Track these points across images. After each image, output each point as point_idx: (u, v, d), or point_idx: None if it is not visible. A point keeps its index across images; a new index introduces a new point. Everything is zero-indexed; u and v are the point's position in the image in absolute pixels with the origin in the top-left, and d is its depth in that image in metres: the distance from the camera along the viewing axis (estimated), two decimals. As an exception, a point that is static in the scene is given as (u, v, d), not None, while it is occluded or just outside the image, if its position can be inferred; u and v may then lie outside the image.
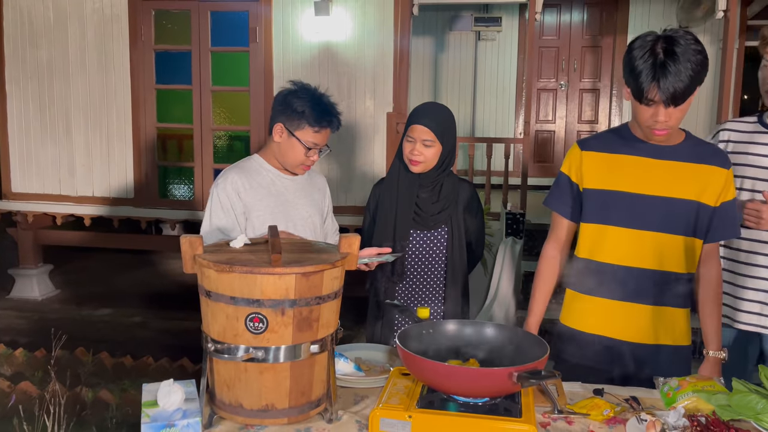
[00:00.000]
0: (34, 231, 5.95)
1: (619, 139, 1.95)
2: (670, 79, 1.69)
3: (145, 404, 1.45)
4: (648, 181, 1.88)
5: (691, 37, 1.73)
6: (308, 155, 2.15)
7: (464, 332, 1.69)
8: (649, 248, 1.89)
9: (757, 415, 1.49)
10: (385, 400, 1.49)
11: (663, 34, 1.75)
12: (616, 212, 1.90)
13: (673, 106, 1.74)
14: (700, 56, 1.71)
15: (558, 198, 2.04)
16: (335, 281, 1.52)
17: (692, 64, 1.70)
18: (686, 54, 1.70)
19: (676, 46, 1.70)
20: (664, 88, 1.70)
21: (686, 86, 1.71)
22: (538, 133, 7.91)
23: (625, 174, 1.90)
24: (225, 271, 1.41)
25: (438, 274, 2.40)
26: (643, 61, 1.72)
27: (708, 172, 1.88)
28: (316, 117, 2.09)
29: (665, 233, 1.88)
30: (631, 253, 1.90)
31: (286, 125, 2.12)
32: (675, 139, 1.90)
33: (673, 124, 1.79)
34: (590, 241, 1.95)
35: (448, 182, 2.38)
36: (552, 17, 7.74)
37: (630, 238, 1.89)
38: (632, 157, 1.91)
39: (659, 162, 1.89)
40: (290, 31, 5.31)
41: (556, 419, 1.56)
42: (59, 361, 4.03)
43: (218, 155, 5.58)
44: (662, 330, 1.93)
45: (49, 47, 5.57)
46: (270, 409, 1.48)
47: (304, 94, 2.11)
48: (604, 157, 1.94)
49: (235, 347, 1.44)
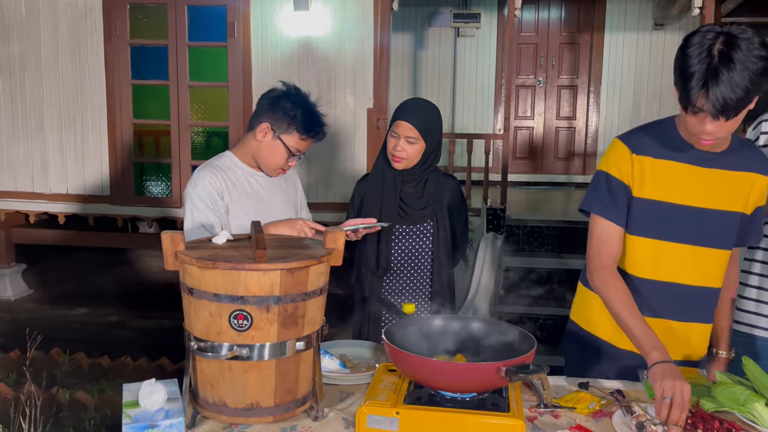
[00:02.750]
0: (7, 229, 5.81)
1: (666, 141, 1.73)
2: (722, 89, 1.46)
3: (126, 404, 1.41)
4: (693, 191, 1.71)
5: (757, 40, 1.49)
6: (289, 161, 2.11)
7: (450, 327, 1.68)
8: (685, 263, 1.74)
9: (741, 406, 1.51)
10: (372, 397, 1.47)
11: (724, 31, 1.51)
12: (658, 225, 1.73)
13: (724, 119, 1.51)
14: (762, 63, 1.48)
15: (608, 204, 1.76)
16: (321, 277, 1.49)
17: (750, 73, 1.46)
18: (746, 60, 1.46)
19: (736, 51, 1.47)
20: (713, 99, 1.48)
21: (740, 98, 1.47)
22: (516, 129, 7.95)
23: (685, 184, 1.72)
24: (208, 268, 1.38)
25: (423, 269, 2.40)
26: (698, 62, 1.49)
27: (750, 180, 1.74)
28: (306, 125, 2.07)
29: (706, 247, 1.73)
30: (662, 268, 1.75)
31: (273, 127, 2.07)
32: (723, 144, 1.71)
33: (722, 135, 1.59)
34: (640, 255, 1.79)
35: (432, 178, 2.37)
36: (530, 14, 7.78)
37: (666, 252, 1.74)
38: (692, 166, 1.71)
39: (706, 171, 1.71)
40: (269, 26, 5.26)
41: (543, 413, 1.56)
42: (34, 362, 3.95)
43: (196, 152, 5.50)
44: (689, 346, 1.82)
45: (21, 41, 5.44)
46: (255, 408, 1.45)
47: (297, 100, 2.08)
48: (663, 165, 1.72)
49: (218, 345, 1.41)
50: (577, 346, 1.92)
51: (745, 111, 1.53)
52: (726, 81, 1.46)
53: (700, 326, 1.82)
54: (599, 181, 1.78)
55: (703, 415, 1.51)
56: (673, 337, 1.78)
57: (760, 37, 1.50)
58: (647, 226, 1.74)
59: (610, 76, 7.58)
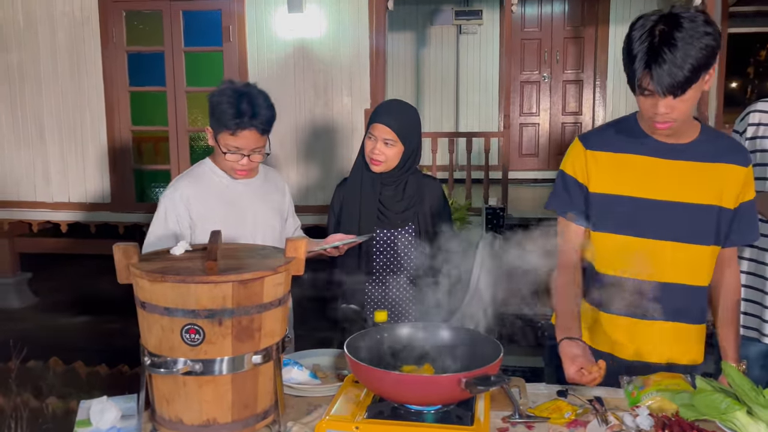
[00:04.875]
0: (11, 239, 5.85)
1: (626, 135, 1.72)
2: (665, 67, 1.47)
3: (79, 423, 1.38)
4: (656, 184, 1.67)
5: (700, 18, 1.49)
6: (228, 159, 2.01)
7: (419, 336, 1.63)
8: (658, 259, 1.68)
9: (721, 414, 1.43)
10: (333, 411, 1.42)
11: (668, 13, 1.51)
12: (619, 219, 1.70)
13: (672, 97, 1.51)
14: (706, 39, 1.47)
15: (565, 201, 1.78)
16: (278, 288, 1.44)
17: (695, 49, 1.46)
18: (688, 37, 1.46)
19: (678, 29, 1.47)
20: (657, 77, 1.49)
21: (684, 75, 1.47)
22: (522, 126, 7.86)
23: (632, 176, 1.69)
24: (158, 281, 1.34)
25: (407, 273, 2.34)
26: (639, 43, 1.51)
27: (726, 171, 1.67)
28: (230, 118, 1.93)
29: (679, 242, 1.68)
30: (635, 265, 1.69)
31: (212, 128, 2.02)
32: (689, 135, 1.67)
33: (676, 116, 1.56)
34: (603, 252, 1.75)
35: (412, 180, 2.31)
36: (533, 9, 7.68)
37: (635, 248, 1.69)
38: (642, 156, 1.69)
39: (669, 162, 1.67)
40: (264, 29, 5.23)
41: (516, 424, 1.50)
42: (32, 371, 3.96)
43: (195, 157, 5.50)
44: (676, 348, 1.76)
45: (20, 52, 5.47)
46: (212, 424, 1.41)
47: (225, 93, 1.95)
48: (612, 158, 1.71)
49: (172, 360, 1.37)
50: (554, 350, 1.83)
51: (696, 91, 1.52)
52: (668, 59, 1.47)
53: (689, 327, 1.75)
54: (557, 180, 1.81)
55: (682, 424, 1.44)
56: (660, 338, 1.73)
57: (704, 15, 1.51)
58: (611, 222, 1.71)
59: (616, 70, 7.45)
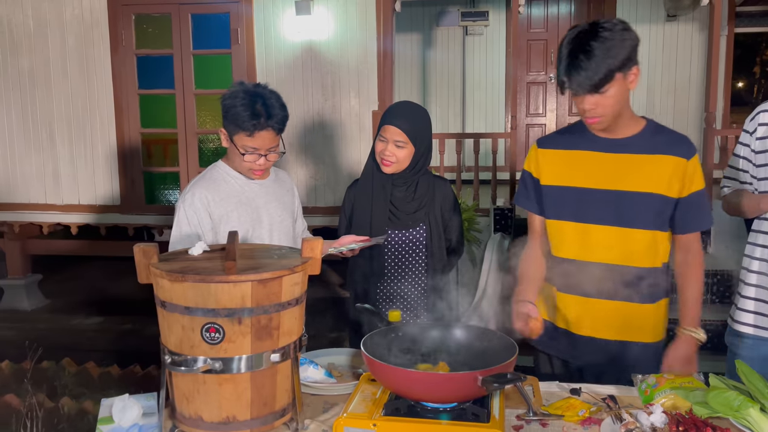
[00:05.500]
0: (22, 241, 5.90)
1: (574, 135, 1.94)
2: (580, 65, 1.69)
3: (101, 420, 1.40)
4: (599, 175, 1.87)
5: (618, 26, 1.71)
6: (247, 160, 2.03)
7: (434, 335, 1.64)
8: (603, 243, 1.86)
9: (735, 411, 1.45)
10: (351, 409, 1.44)
11: (590, 23, 1.74)
12: (569, 208, 1.91)
13: (593, 93, 1.73)
14: (615, 40, 1.69)
15: (524, 195, 2.06)
16: (296, 287, 1.47)
17: (602, 50, 1.68)
18: (599, 40, 1.69)
19: (595, 37, 1.70)
20: (573, 76, 1.71)
21: (599, 76, 1.69)
22: (528, 126, 7.86)
23: (578, 169, 1.90)
24: (178, 281, 1.36)
25: (418, 272, 2.36)
26: (564, 49, 1.74)
27: (665, 162, 1.83)
28: (246, 120, 1.95)
29: (621, 227, 1.85)
30: (585, 249, 1.88)
31: (227, 130, 2.04)
32: (630, 131, 1.87)
33: (602, 112, 1.77)
34: (551, 238, 1.98)
35: (423, 180, 2.33)
36: (539, 10, 7.69)
37: (583, 233, 1.89)
38: (586, 152, 1.90)
39: (611, 156, 1.86)
40: (272, 31, 5.26)
41: (530, 422, 1.52)
42: (45, 372, 3.99)
43: (204, 159, 5.53)
44: (627, 326, 1.90)
45: (30, 56, 5.51)
46: (231, 422, 1.43)
47: (239, 95, 1.97)
48: (559, 154, 1.95)
49: (192, 359, 1.39)
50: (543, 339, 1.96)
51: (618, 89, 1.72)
52: (583, 59, 1.69)
53: (638, 306, 1.89)
54: (520, 179, 2.09)
55: (696, 421, 1.45)
56: (610, 317, 1.89)
57: (622, 24, 1.73)
58: (561, 211, 1.93)
59: (622, 70, 7.44)
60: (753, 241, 2.03)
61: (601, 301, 1.89)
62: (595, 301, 1.90)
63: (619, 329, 1.91)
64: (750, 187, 2.05)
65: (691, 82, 7.38)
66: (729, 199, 2.11)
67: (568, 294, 1.94)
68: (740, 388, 1.51)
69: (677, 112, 7.44)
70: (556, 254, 1.96)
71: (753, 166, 2.01)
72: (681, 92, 7.40)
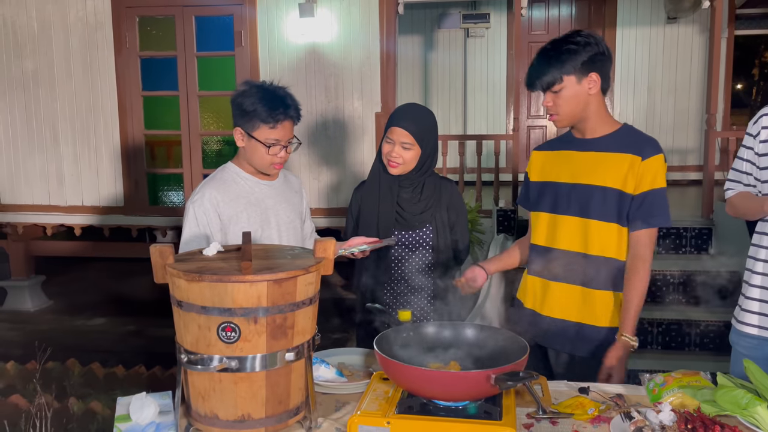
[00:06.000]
0: (25, 242, 5.91)
1: (562, 139, 2.16)
2: (533, 67, 1.98)
3: (118, 418, 1.42)
4: (570, 171, 2.06)
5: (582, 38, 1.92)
6: (271, 153, 2.06)
7: (444, 334, 1.66)
8: (568, 231, 2.04)
9: (742, 409, 1.47)
10: (364, 407, 1.46)
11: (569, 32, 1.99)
12: (545, 200, 2.12)
13: (546, 92, 1.97)
14: (571, 49, 1.91)
15: (523, 195, 2.28)
16: (310, 287, 1.49)
17: (555, 56, 1.92)
18: (557, 48, 1.93)
19: (552, 45, 1.96)
20: (529, 74, 1.99)
21: (544, 78, 1.94)
22: (530, 128, 7.89)
23: (556, 166, 2.11)
24: (195, 280, 1.38)
25: (425, 273, 2.38)
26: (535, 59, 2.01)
27: (623, 160, 1.96)
28: (267, 112, 2.01)
29: (584, 218, 2.02)
30: (553, 236, 2.08)
31: (244, 128, 2.07)
32: (600, 132, 2.04)
33: (557, 110, 1.99)
34: (531, 228, 2.19)
35: (429, 182, 2.35)
36: (540, 12, 7.72)
37: (553, 223, 2.08)
38: (564, 151, 2.11)
39: (581, 153, 2.05)
40: (275, 33, 5.29)
41: (540, 420, 1.53)
42: (50, 372, 4.01)
43: (207, 160, 5.55)
44: (584, 310, 2.04)
45: (34, 57, 5.53)
46: (246, 420, 1.45)
47: (253, 92, 2.03)
48: (546, 155, 2.18)
49: (208, 358, 1.41)
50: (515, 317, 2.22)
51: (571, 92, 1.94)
52: (535, 64, 1.97)
53: (594, 292, 2.03)
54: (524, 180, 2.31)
55: (704, 419, 1.47)
56: (568, 299, 2.06)
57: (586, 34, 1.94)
58: (540, 203, 2.13)
59: (623, 72, 7.49)
60: (757, 243, 2.05)
61: (562, 284, 2.07)
62: (557, 284, 2.08)
63: (576, 312, 2.06)
64: (753, 190, 2.08)
65: (691, 83, 7.42)
66: (733, 201, 2.14)
67: (536, 277, 2.15)
68: (747, 387, 1.53)
69: (677, 113, 7.47)
70: (532, 242, 2.18)
71: (756, 168, 2.04)
72: (681, 93, 7.43)
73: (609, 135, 2.02)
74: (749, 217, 2.09)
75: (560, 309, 2.08)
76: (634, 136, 2.02)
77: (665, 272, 4.51)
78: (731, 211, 2.17)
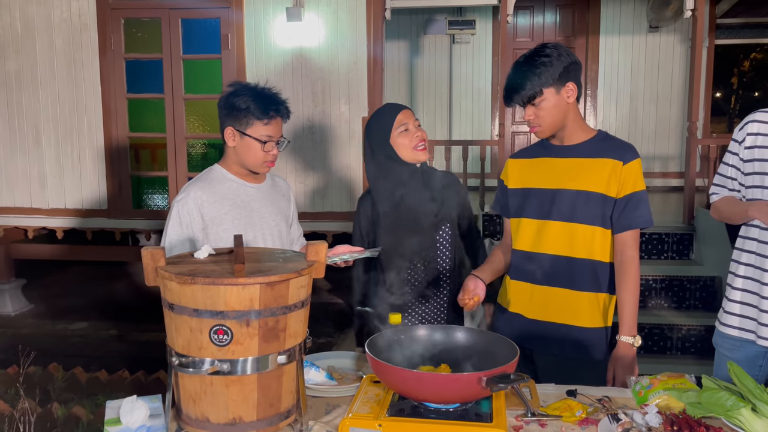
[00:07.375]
0: (6, 245, 5.83)
1: (538, 147, 2.19)
2: (512, 83, 2.01)
3: (108, 422, 1.41)
4: (550, 177, 2.09)
5: (546, 50, 1.97)
6: (266, 150, 2.08)
7: (435, 337, 1.68)
8: (552, 236, 2.07)
9: (727, 411, 1.50)
10: (355, 409, 1.47)
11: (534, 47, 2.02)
12: (527, 206, 2.14)
13: (527, 106, 2.01)
14: (545, 63, 1.95)
15: (498, 200, 2.30)
16: (302, 290, 1.49)
17: (527, 70, 1.97)
18: (531, 63, 1.97)
19: (526, 59, 2.00)
20: (508, 91, 2.03)
21: (522, 91, 1.98)
22: (514, 134, 7.95)
23: (536, 173, 2.14)
24: (187, 283, 1.38)
25: (443, 270, 2.32)
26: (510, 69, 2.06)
27: (605, 165, 2.01)
28: (261, 109, 2.04)
29: (567, 222, 2.05)
30: (538, 241, 2.10)
31: (236, 127, 2.07)
32: (578, 139, 2.08)
33: (539, 122, 2.03)
34: (513, 234, 2.21)
35: (436, 175, 2.33)
36: (525, 19, 7.79)
37: (537, 228, 2.10)
38: (542, 158, 2.14)
39: (561, 160, 2.09)
40: (262, 37, 5.28)
41: (529, 422, 1.55)
42: (32, 377, 3.95)
43: (192, 164, 5.52)
44: (569, 312, 2.07)
45: (17, 58, 5.47)
46: (238, 423, 1.45)
47: (243, 91, 2.06)
48: (524, 162, 2.21)
49: (200, 360, 1.41)
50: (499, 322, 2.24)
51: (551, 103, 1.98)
52: (511, 79, 2.02)
53: (579, 294, 2.07)
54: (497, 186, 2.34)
55: (689, 421, 1.50)
56: (566, 305, 2.07)
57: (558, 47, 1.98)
58: (520, 208, 2.15)
59: (606, 79, 7.58)
60: (740, 247, 2.10)
61: (548, 288, 2.10)
62: (542, 288, 2.10)
63: (562, 314, 2.08)
64: (738, 195, 2.12)
65: (672, 91, 7.53)
66: (717, 205, 2.18)
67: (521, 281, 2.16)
68: (731, 389, 1.56)
69: (659, 120, 7.58)
70: (515, 248, 2.18)
71: (741, 174, 2.08)
72: (663, 101, 7.54)
73: (587, 141, 2.07)
74: (733, 221, 2.14)
75: (547, 311, 2.11)
76: (611, 142, 2.07)
77: (647, 277, 4.57)
78: (716, 215, 2.21)
